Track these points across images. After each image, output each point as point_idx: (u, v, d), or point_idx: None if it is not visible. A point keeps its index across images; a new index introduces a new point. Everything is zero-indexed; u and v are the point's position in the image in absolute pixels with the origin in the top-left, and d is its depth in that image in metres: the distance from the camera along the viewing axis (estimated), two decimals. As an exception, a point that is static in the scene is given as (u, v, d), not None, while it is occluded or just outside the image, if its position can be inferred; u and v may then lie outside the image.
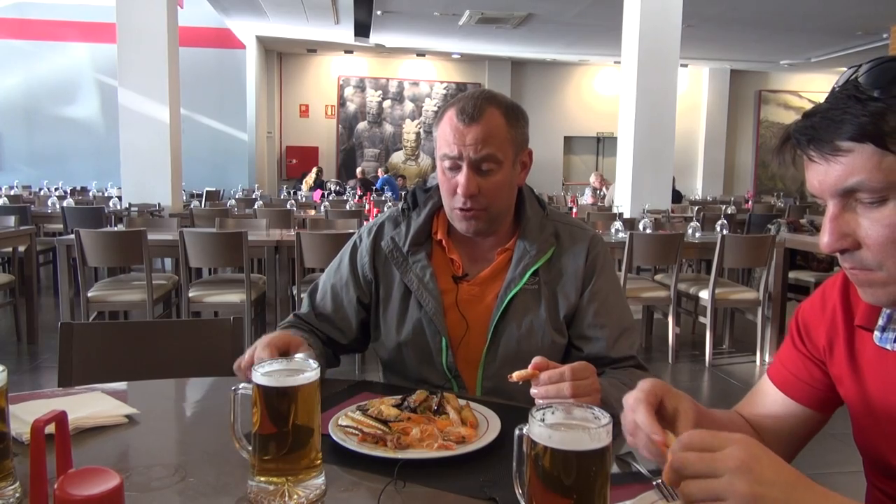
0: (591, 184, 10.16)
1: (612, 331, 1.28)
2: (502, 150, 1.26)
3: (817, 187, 0.76)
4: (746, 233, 6.30)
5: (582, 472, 0.68)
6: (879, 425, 0.86)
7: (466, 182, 1.23)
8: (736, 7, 9.52)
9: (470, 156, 1.23)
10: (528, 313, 1.29)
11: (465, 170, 1.24)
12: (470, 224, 1.28)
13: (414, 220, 1.36)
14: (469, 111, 1.23)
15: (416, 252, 1.33)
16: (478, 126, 1.23)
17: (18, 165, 12.14)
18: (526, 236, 1.32)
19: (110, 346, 1.58)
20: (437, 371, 1.31)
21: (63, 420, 0.78)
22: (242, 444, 0.87)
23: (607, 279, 1.32)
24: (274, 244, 4.14)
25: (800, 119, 0.77)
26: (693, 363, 4.48)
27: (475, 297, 1.32)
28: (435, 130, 1.31)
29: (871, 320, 0.87)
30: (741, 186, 15.52)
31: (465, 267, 1.34)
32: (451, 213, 1.30)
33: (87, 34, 12.29)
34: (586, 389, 1.00)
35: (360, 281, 1.37)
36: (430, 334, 1.30)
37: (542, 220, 1.35)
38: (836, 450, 2.68)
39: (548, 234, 1.33)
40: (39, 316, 4.71)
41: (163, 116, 6.55)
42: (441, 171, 1.28)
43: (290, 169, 14.65)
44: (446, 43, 12.97)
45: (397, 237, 1.35)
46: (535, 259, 1.30)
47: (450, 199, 1.28)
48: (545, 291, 1.30)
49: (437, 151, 1.30)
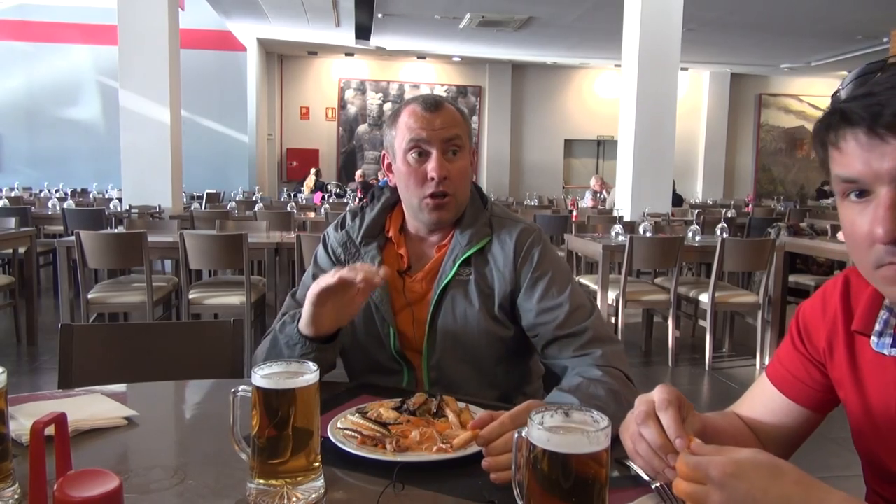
0: (592, 187, 10.16)
1: (562, 311, 1.27)
2: (464, 136, 1.33)
3: (869, 172, 0.71)
4: (746, 236, 6.30)
5: (580, 476, 0.68)
6: (878, 430, 0.86)
7: (438, 164, 1.28)
8: (736, 11, 9.53)
9: (441, 137, 1.29)
10: (462, 304, 1.32)
11: (435, 153, 1.29)
12: (441, 213, 1.32)
13: (368, 214, 1.42)
14: (431, 102, 1.32)
15: (367, 244, 1.39)
16: (441, 112, 1.31)
17: (19, 167, 12.15)
18: (460, 228, 1.36)
19: (110, 347, 1.58)
20: (388, 356, 1.35)
21: (63, 422, 0.78)
22: (242, 447, 0.87)
23: (547, 266, 1.32)
24: (274, 246, 4.14)
25: (847, 102, 0.73)
26: (693, 367, 4.48)
27: (418, 292, 1.36)
28: (391, 130, 1.35)
29: (868, 325, 0.87)
30: (741, 190, 15.53)
31: (412, 263, 1.38)
32: (418, 205, 1.33)
33: (89, 36, 12.31)
34: None
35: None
36: (379, 321, 1.34)
37: (478, 213, 1.38)
38: (835, 454, 2.68)
39: (481, 226, 1.35)
40: (39, 317, 4.71)
41: (164, 118, 6.56)
42: (405, 164, 1.31)
43: (291, 171, 14.66)
44: (447, 46, 12.98)
45: (351, 230, 1.41)
46: (465, 250, 1.33)
47: (419, 188, 1.31)
48: (478, 282, 1.32)
49: (398, 146, 1.32)
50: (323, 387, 0.88)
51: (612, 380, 1.16)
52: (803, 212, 8.39)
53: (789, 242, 4.80)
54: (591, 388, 1.13)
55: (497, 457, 0.87)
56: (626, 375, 1.22)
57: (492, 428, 0.89)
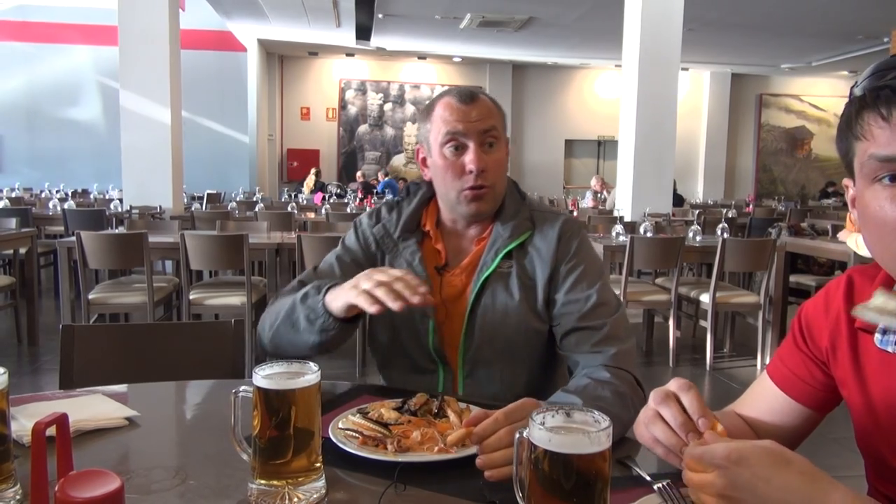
0: (592, 187, 10.16)
1: (588, 303, 1.27)
2: (500, 127, 1.33)
3: None
4: (747, 236, 6.30)
5: (582, 476, 0.68)
6: (882, 428, 0.86)
7: (477, 157, 1.27)
8: (737, 11, 9.53)
9: (477, 129, 1.28)
10: (502, 296, 1.31)
11: (472, 146, 1.28)
12: (479, 205, 1.31)
13: (405, 209, 1.40)
14: (466, 94, 1.31)
15: (406, 239, 1.37)
16: (477, 104, 1.30)
17: (20, 167, 12.16)
18: (500, 221, 1.35)
19: (111, 348, 1.58)
20: (424, 352, 1.34)
21: (64, 422, 0.79)
22: (243, 447, 0.87)
23: (582, 258, 1.32)
24: (275, 247, 4.14)
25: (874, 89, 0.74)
26: (694, 367, 4.48)
27: (456, 286, 1.34)
28: (425, 124, 1.34)
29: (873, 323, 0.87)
30: (742, 190, 15.53)
31: (449, 258, 1.37)
32: (456, 198, 1.31)
33: (89, 37, 12.32)
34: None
35: (360, 258, 1.39)
36: (418, 319, 1.33)
37: (519, 206, 1.37)
38: (836, 454, 2.68)
39: (522, 219, 1.35)
40: (40, 318, 4.71)
41: (164, 119, 6.56)
42: (441, 157, 1.30)
43: (291, 171, 14.67)
44: (447, 46, 12.99)
45: (388, 224, 1.39)
46: (507, 242, 1.32)
47: (456, 181, 1.30)
48: (520, 275, 1.31)
49: (433, 140, 1.31)
50: (324, 387, 0.88)
51: (619, 382, 1.16)
52: (804, 212, 8.39)
53: (790, 243, 4.79)
54: (597, 389, 1.12)
55: (490, 454, 0.86)
56: (636, 379, 1.21)
57: (485, 425, 0.88)
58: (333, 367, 4.06)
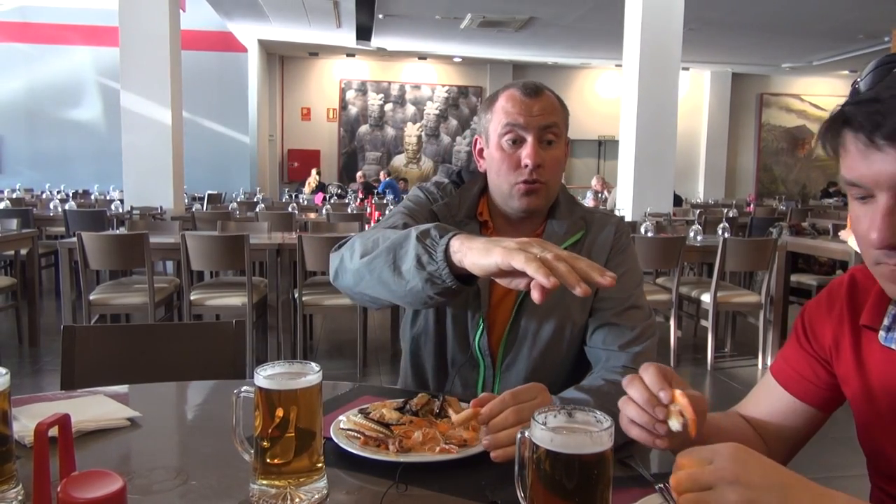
0: (593, 187, 10.15)
1: (624, 303, 1.27)
2: (561, 124, 1.30)
3: (870, 177, 0.72)
4: (748, 236, 6.29)
5: (583, 476, 0.68)
6: (884, 425, 0.87)
7: (533, 152, 1.25)
8: (737, 10, 9.53)
9: (538, 124, 1.26)
10: (554, 294, 1.29)
11: (531, 140, 1.25)
12: (531, 199, 1.28)
13: (465, 194, 1.37)
14: (531, 87, 1.28)
15: (467, 224, 1.33)
16: (541, 98, 1.27)
17: (21, 168, 12.17)
18: (555, 218, 1.34)
19: (112, 349, 1.58)
20: (465, 348, 1.31)
21: (66, 423, 0.79)
22: (244, 448, 0.87)
23: (629, 261, 1.34)
24: (276, 247, 4.14)
25: (852, 105, 0.74)
26: (695, 366, 4.48)
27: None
28: (486, 114, 1.32)
29: (877, 320, 0.88)
30: (743, 190, 15.53)
31: None
32: (509, 191, 1.29)
33: (90, 38, 12.33)
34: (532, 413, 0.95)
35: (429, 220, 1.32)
36: (472, 310, 1.30)
37: (573, 205, 1.37)
38: (838, 453, 2.68)
39: (577, 218, 1.35)
40: (41, 319, 4.72)
41: (165, 119, 6.56)
42: (499, 149, 1.28)
43: (292, 172, 14.67)
44: (448, 46, 12.99)
45: (452, 204, 1.35)
46: (563, 239, 1.30)
47: (511, 174, 1.28)
48: None
49: (492, 130, 1.29)
50: (325, 388, 0.88)
51: None
52: (805, 211, 8.38)
53: (791, 242, 4.79)
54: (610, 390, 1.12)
55: (496, 434, 0.87)
56: None
57: (493, 405, 0.90)
58: (334, 367, 4.06)
